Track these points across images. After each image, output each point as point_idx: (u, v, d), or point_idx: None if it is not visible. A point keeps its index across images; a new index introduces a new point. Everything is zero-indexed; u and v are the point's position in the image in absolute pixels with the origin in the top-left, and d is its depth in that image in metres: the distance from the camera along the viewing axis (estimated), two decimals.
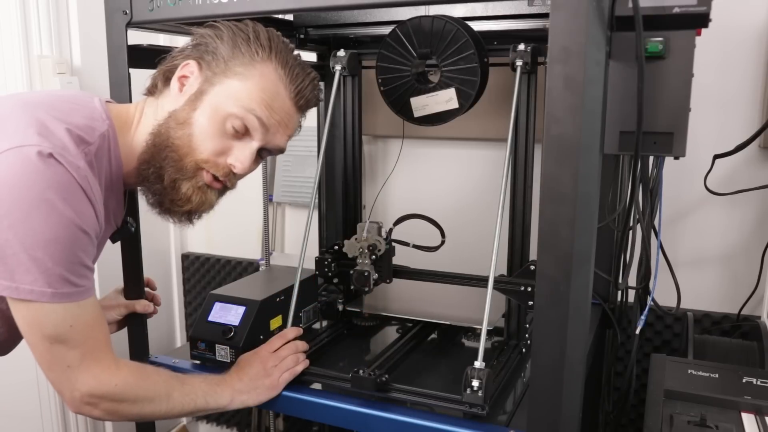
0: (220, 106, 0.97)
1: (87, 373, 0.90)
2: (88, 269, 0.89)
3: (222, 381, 1.08)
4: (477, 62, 1.24)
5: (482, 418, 1.02)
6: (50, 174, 0.83)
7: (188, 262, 2.34)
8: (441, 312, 1.42)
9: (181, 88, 1.00)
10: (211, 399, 1.04)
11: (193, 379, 1.04)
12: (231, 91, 0.97)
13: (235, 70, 0.98)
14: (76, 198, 0.85)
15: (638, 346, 1.50)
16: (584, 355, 0.91)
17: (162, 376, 1.00)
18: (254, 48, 0.98)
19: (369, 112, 1.69)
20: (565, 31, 0.78)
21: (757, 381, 1.13)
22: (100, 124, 0.95)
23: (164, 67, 1.03)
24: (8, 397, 1.88)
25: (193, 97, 0.98)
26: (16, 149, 0.83)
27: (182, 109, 0.98)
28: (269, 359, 1.12)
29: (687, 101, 0.91)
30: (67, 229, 0.84)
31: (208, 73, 0.98)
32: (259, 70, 0.98)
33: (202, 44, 1.00)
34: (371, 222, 1.37)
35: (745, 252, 1.61)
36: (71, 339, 0.88)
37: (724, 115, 1.57)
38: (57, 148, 0.85)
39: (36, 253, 0.82)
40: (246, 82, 0.97)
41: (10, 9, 1.73)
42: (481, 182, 1.84)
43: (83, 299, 0.89)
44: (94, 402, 0.92)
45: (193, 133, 0.97)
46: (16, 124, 0.86)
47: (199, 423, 2.45)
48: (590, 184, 0.84)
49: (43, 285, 0.84)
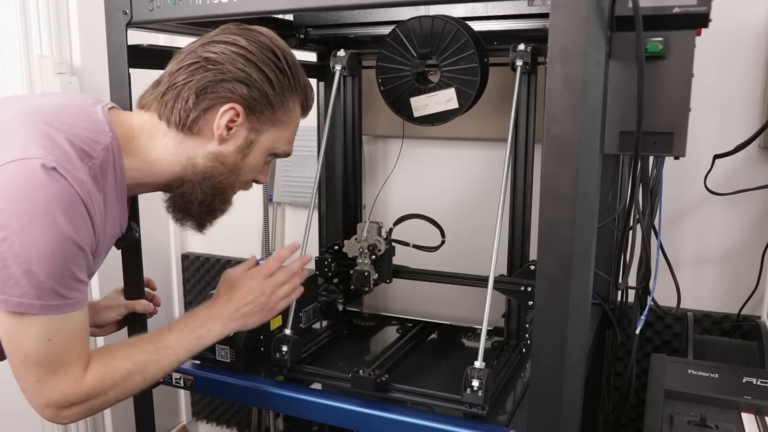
0: (267, 150, 1.05)
1: (53, 389, 0.89)
2: (79, 282, 0.88)
3: (209, 318, 1.05)
4: (477, 62, 1.24)
5: (482, 418, 1.02)
6: (53, 188, 0.82)
7: (188, 262, 2.34)
8: (441, 312, 1.42)
9: (228, 132, 1.00)
10: (196, 346, 1.03)
11: (170, 335, 1.02)
12: (276, 137, 1.05)
13: (280, 119, 1.03)
14: (76, 213, 0.85)
15: (638, 346, 1.50)
16: (584, 355, 0.91)
17: (131, 356, 0.97)
18: (294, 86, 1.03)
19: (369, 112, 1.69)
20: (565, 31, 0.78)
21: (757, 381, 1.13)
22: (104, 137, 0.94)
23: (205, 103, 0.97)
24: (8, 397, 1.88)
25: (244, 146, 1.02)
26: (20, 161, 0.82)
27: (233, 156, 1.02)
28: (268, 286, 1.10)
29: (687, 101, 0.91)
30: (64, 245, 0.83)
31: (256, 121, 1.01)
32: (295, 112, 1.06)
33: (247, 84, 0.98)
34: (371, 222, 1.37)
35: (745, 252, 1.61)
36: (47, 355, 0.88)
37: (723, 115, 1.57)
38: (61, 162, 0.84)
39: (30, 266, 0.82)
40: (288, 128, 1.06)
41: (10, 9, 1.73)
42: (481, 182, 1.84)
43: (71, 311, 0.88)
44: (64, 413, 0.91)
45: (241, 174, 1.05)
46: (19, 136, 0.86)
47: (199, 423, 2.46)
48: (590, 184, 0.84)
49: (32, 297, 0.83)
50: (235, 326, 1.07)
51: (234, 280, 1.11)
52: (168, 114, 0.98)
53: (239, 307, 1.07)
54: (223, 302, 1.08)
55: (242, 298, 1.08)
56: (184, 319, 1.05)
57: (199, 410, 2.44)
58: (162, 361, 0.99)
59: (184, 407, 2.44)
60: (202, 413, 2.43)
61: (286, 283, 1.12)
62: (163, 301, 1.33)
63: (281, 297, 1.11)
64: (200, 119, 0.98)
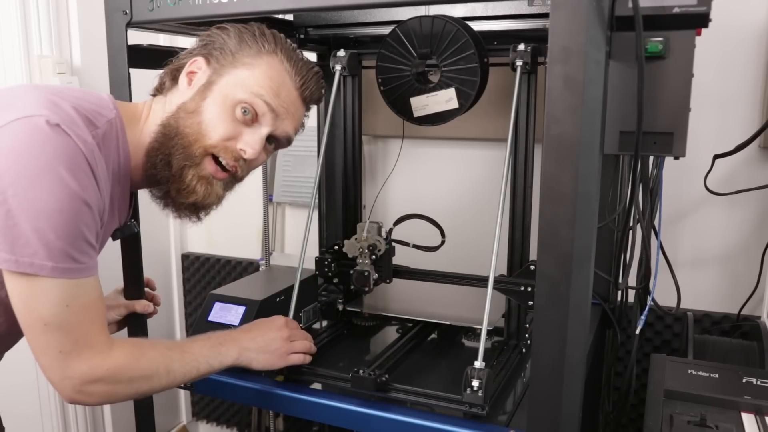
0: (229, 93, 0.99)
1: (78, 359, 0.87)
2: (91, 246, 0.87)
3: (228, 339, 1.08)
4: (477, 62, 1.24)
5: (482, 418, 1.02)
6: (57, 143, 0.82)
7: (188, 262, 2.34)
8: (441, 312, 1.42)
9: (190, 82, 1.02)
10: (215, 361, 1.04)
11: (193, 344, 1.03)
12: (239, 79, 1.00)
13: (243, 61, 1.01)
14: (81, 170, 0.84)
15: (638, 346, 1.50)
16: (584, 355, 0.91)
17: (159, 351, 0.98)
18: (260, 42, 1.02)
19: (369, 112, 1.69)
20: (565, 31, 0.78)
21: (757, 381, 1.13)
22: (108, 111, 0.96)
23: (172, 66, 1.05)
24: (8, 397, 1.88)
25: (202, 88, 1.00)
26: (25, 119, 0.82)
27: (192, 100, 1.00)
28: (286, 332, 1.13)
29: (687, 101, 0.91)
30: (72, 202, 0.83)
31: (216, 65, 1.01)
32: (266, 60, 1.01)
33: (209, 42, 1.03)
34: (371, 222, 1.37)
35: (745, 252, 1.61)
36: (66, 321, 0.86)
37: (723, 114, 1.57)
38: (66, 121, 0.85)
39: (39, 224, 0.81)
40: (254, 70, 1.00)
41: (10, 9, 1.73)
42: (481, 182, 1.84)
43: (84, 277, 0.87)
44: (87, 389, 0.89)
45: (202, 120, 0.99)
46: (25, 100, 0.87)
47: (199, 423, 2.46)
48: (590, 184, 0.84)
49: (43, 258, 0.82)
50: (249, 357, 1.08)
51: (258, 319, 1.16)
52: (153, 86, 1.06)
53: (255, 338, 1.10)
54: (243, 330, 1.12)
55: (260, 333, 1.12)
56: (206, 335, 1.08)
57: (199, 410, 2.44)
58: (187, 364, 1.00)
59: (184, 407, 2.45)
60: (202, 413, 2.43)
61: (304, 341, 1.16)
62: (163, 301, 1.34)
63: (296, 349, 1.14)
64: (170, 80, 1.04)
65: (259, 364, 1.09)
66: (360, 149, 1.54)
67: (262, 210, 2.01)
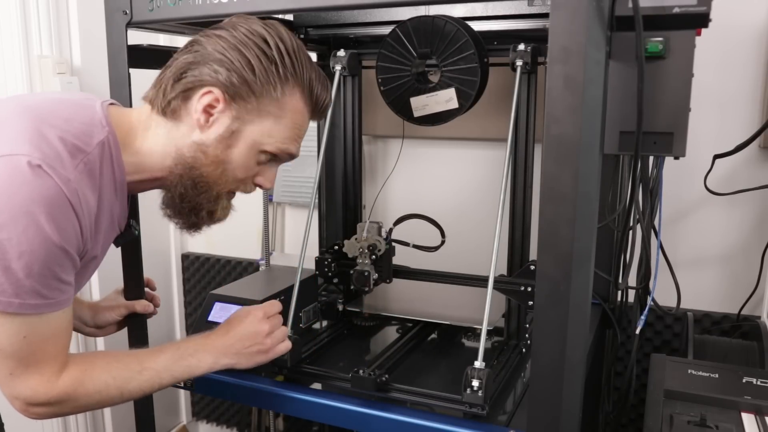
0: (255, 143, 0.97)
1: (25, 383, 0.89)
2: (62, 282, 0.87)
3: (202, 347, 1.03)
4: (477, 62, 1.24)
5: (482, 418, 1.02)
6: (37, 185, 0.81)
7: (188, 262, 2.34)
8: (441, 312, 1.42)
9: (208, 119, 0.94)
10: (183, 374, 1.01)
11: (159, 357, 0.99)
12: (266, 130, 0.97)
13: (268, 110, 0.96)
14: (60, 213, 0.83)
15: (638, 346, 1.50)
16: (584, 355, 0.91)
17: (112, 372, 0.95)
18: (283, 75, 0.95)
19: (369, 112, 1.69)
20: (565, 31, 0.78)
21: (757, 381, 1.13)
22: (99, 130, 0.92)
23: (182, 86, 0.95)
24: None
25: (226, 135, 0.95)
26: (5, 157, 0.81)
27: (214, 146, 0.95)
28: (266, 327, 1.07)
29: (687, 101, 0.91)
30: (44, 245, 0.82)
31: (239, 109, 0.95)
32: (290, 105, 0.97)
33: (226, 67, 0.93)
34: (371, 222, 1.37)
35: (745, 252, 1.61)
36: (20, 351, 0.87)
37: (723, 115, 1.57)
38: (48, 159, 0.83)
39: (9, 264, 0.81)
40: (280, 122, 0.97)
41: (10, 9, 1.73)
42: (481, 182, 1.84)
43: (51, 312, 0.87)
44: (31, 410, 0.91)
45: (226, 169, 0.97)
46: (9, 131, 0.85)
47: (199, 423, 2.46)
48: (590, 184, 0.84)
49: (11, 296, 0.83)
50: (228, 362, 1.04)
51: (234, 315, 1.09)
52: (156, 101, 0.97)
53: (233, 343, 1.05)
54: (219, 334, 1.06)
55: (238, 336, 1.06)
56: (177, 343, 1.04)
57: (199, 410, 2.44)
58: (144, 382, 0.98)
59: (184, 407, 2.45)
60: (202, 413, 2.43)
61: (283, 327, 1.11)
62: (163, 302, 1.33)
63: (279, 339, 1.09)
64: (180, 104, 0.95)
65: (242, 366, 1.06)
66: (360, 149, 1.54)
67: (262, 210, 2.01)
